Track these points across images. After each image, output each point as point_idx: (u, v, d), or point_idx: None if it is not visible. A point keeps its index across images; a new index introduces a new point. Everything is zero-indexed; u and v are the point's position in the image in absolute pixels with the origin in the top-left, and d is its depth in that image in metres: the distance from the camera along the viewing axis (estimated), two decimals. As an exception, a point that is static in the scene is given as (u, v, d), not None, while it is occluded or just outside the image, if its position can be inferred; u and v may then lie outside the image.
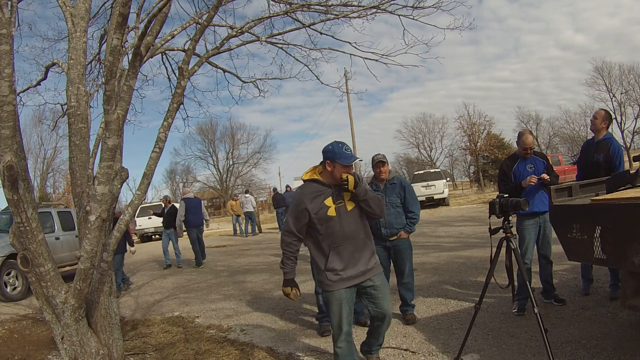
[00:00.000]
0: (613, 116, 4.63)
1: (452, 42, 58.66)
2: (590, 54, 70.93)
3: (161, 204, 11.88)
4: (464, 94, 70.88)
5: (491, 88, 70.65)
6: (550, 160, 4.46)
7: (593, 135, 4.46)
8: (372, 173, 4.49)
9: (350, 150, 2.81)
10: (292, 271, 2.91)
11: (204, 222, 10.49)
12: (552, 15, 68.78)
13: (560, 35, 67.02)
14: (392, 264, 4.47)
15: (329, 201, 2.80)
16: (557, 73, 68.23)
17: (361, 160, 3.26)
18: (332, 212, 2.79)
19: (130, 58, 3.18)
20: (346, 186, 2.74)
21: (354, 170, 2.86)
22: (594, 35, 64.51)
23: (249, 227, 17.50)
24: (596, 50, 65.05)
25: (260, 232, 17.83)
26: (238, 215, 18.01)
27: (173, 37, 4.94)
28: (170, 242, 10.31)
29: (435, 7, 5.35)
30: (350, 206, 2.83)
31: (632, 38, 58.59)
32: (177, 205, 10.88)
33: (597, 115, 4.39)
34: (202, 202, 11.32)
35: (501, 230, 3.39)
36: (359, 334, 4.17)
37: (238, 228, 18.04)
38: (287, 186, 17.48)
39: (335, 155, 2.77)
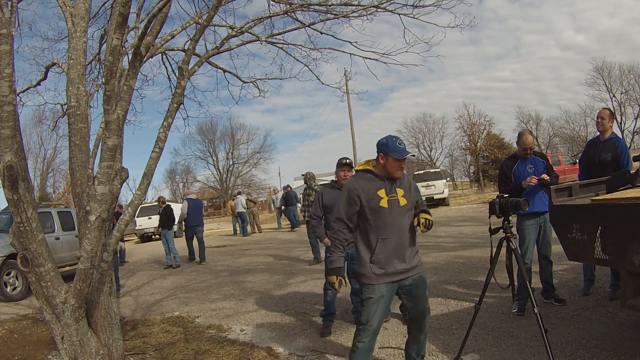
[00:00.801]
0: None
1: (453, 42, 58.65)
2: (591, 54, 70.92)
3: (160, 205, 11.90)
4: (464, 94, 70.86)
5: (491, 88, 70.62)
6: (550, 160, 4.46)
7: (598, 134, 4.46)
8: None
9: (404, 145, 2.87)
10: (340, 259, 2.90)
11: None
12: (552, 15, 68.76)
13: (561, 35, 66.99)
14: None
15: (382, 192, 2.82)
16: (558, 73, 68.22)
17: (413, 155, 3.30)
18: (384, 203, 2.80)
19: (130, 58, 3.18)
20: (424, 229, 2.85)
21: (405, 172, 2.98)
22: (594, 35, 64.48)
23: (242, 227, 17.60)
24: (597, 50, 64.99)
25: (260, 232, 17.83)
26: (237, 216, 18.11)
27: (173, 37, 4.94)
28: (167, 242, 10.35)
29: (435, 6, 5.34)
30: (402, 202, 2.85)
31: (632, 38, 58.56)
32: (172, 205, 10.97)
33: (604, 115, 4.39)
34: (203, 203, 11.48)
35: (501, 230, 3.39)
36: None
37: (238, 228, 18.14)
38: (288, 186, 17.47)
39: (389, 148, 2.82)
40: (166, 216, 10.46)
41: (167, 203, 11.14)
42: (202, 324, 5.17)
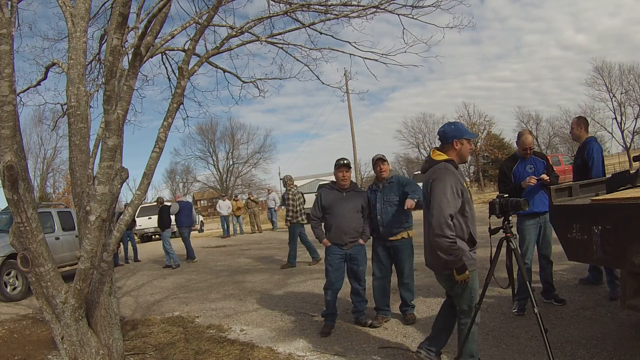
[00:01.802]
0: (590, 120, 5.01)
1: (454, 42, 58.88)
2: (591, 54, 71.04)
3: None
4: (465, 94, 71.04)
5: (492, 88, 70.69)
6: (550, 160, 4.47)
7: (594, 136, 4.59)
8: (372, 173, 4.51)
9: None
10: (472, 254, 2.88)
11: (194, 223, 11.35)
12: (553, 15, 68.87)
13: (562, 35, 67.13)
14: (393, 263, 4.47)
15: (464, 183, 2.83)
16: (558, 73, 68.37)
17: (478, 136, 3.35)
18: (469, 194, 2.83)
19: (130, 58, 3.18)
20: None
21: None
22: (595, 35, 64.62)
23: (224, 228, 17.82)
24: (597, 50, 65.22)
25: (260, 232, 17.85)
26: (238, 216, 18.24)
27: (173, 37, 4.94)
28: (164, 242, 10.47)
29: (434, 7, 5.34)
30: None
31: (633, 38, 58.71)
32: (168, 204, 11.17)
33: (572, 124, 4.65)
34: (193, 205, 11.78)
35: (501, 230, 3.39)
36: (359, 334, 4.18)
37: (238, 228, 18.35)
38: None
39: (462, 132, 2.89)
40: (160, 216, 10.55)
41: (165, 203, 11.20)
42: (202, 324, 5.17)
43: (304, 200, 8.87)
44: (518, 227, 4.28)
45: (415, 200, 4.12)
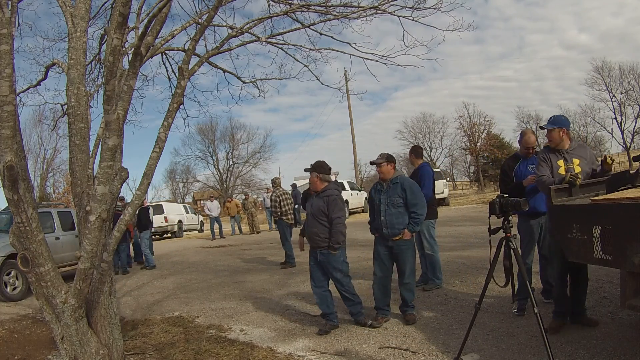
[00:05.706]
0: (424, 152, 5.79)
1: (457, 41, 58.82)
2: (594, 54, 70.62)
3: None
4: (467, 94, 70.56)
5: (494, 87, 70.29)
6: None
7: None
8: (372, 173, 4.50)
9: (551, 119, 3.77)
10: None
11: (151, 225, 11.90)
12: (557, 14, 68.57)
13: (565, 34, 66.73)
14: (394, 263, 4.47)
15: (560, 162, 3.62)
16: (560, 72, 68.00)
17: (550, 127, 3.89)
18: (562, 171, 3.55)
19: (130, 58, 3.19)
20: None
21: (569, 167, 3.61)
22: (597, 34, 64.33)
23: (212, 229, 17.78)
24: (599, 49, 64.59)
25: (258, 232, 17.83)
26: (233, 216, 18.44)
27: (173, 37, 4.94)
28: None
29: (434, 8, 5.34)
30: (577, 169, 3.56)
31: (635, 38, 58.36)
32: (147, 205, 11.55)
33: (410, 154, 5.78)
34: (150, 209, 12.25)
35: (501, 230, 3.39)
36: (359, 334, 4.18)
37: (236, 228, 18.41)
38: (293, 184, 17.66)
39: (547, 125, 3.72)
40: (139, 218, 10.60)
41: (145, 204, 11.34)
42: (202, 324, 5.17)
43: (292, 202, 9.22)
44: (519, 226, 4.27)
45: (413, 234, 4.39)
